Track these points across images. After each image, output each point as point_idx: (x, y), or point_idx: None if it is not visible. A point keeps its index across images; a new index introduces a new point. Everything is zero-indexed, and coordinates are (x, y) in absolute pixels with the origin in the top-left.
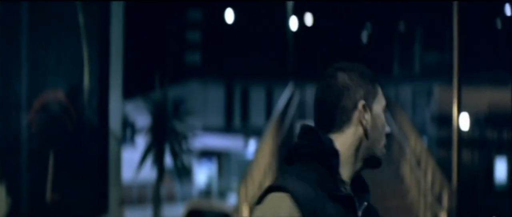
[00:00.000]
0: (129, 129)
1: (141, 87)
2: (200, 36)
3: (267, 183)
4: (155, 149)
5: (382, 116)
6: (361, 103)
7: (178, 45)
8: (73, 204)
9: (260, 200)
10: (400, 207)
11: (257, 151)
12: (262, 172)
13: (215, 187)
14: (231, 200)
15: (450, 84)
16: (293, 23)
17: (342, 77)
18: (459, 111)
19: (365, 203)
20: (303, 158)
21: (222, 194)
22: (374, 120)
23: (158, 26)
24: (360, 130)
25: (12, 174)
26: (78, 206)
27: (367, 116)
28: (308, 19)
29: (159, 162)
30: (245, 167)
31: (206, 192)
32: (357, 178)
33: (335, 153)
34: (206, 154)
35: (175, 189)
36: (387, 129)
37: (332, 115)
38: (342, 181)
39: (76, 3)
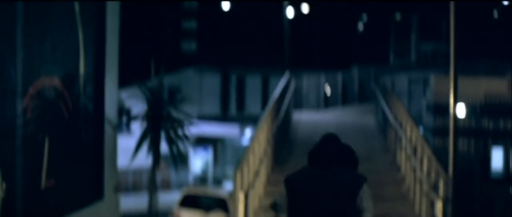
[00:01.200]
0: (124, 116)
1: (137, 74)
2: (196, 24)
3: (262, 170)
4: (150, 136)
5: None
6: None
7: (174, 33)
8: (68, 190)
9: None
10: (396, 195)
11: (253, 138)
12: (257, 160)
13: (210, 174)
14: (227, 187)
15: (446, 74)
16: (290, 12)
17: None
18: (455, 100)
19: None
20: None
21: (218, 181)
22: None
23: (154, 14)
24: None
25: (7, 160)
26: (73, 192)
27: None
28: (305, 8)
29: (154, 149)
30: (240, 154)
31: (202, 179)
32: None
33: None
34: (202, 141)
35: (170, 176)
36: None
37: None
38: None
39: None
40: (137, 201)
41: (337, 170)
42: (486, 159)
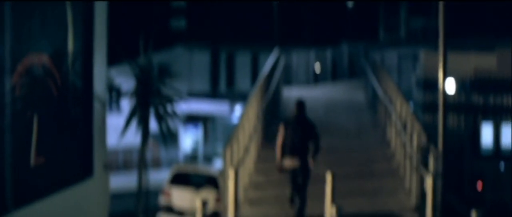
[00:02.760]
0: (114, 93)
1: (127, 51)
2: (185, 1)
3: (252, 147)
4: (140, 113)
5: None
6: None
7: (163, 10)
8: (58, 168)
9: None
10: (386, 171)
11: (242, 115)
12: (247, 137)
13: (200, 151)
14: (217, 164)
15: (436, 49)
16: None
17: None
18: (444, 76)
19: None
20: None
21: (208, 159)
22: None
23: None
24: None
25: None
26: (62, 169)
27: None
28: None
29: (144, 126)
30: (230, 132)
31: (192, 157)
32: None
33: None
34: (192, 119)
35: (160, 154)
36: None
37: None
38: None
39: None
40: (127, 180)
41: (306, 117)
42: (476, 135)
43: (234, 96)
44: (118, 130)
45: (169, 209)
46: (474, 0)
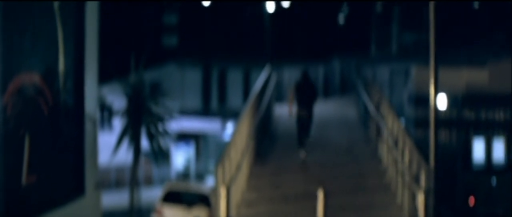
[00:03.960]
0: (106, 112)
1: (118, 70)
2: (177, 19)
3: (244, 164)
4: (131, 132)
5: None
6: None
7: (155, 28)
8: (49, 187)
9: None
10: (378, 186)
11: (234, 132)
12: (239, 154)
13: (192, 169)
14: (209, 182)
15: (427, 64)
16: (270, 6)
17: None
18: (436, 91)
19: None
20: None
21: (200, 176)
22: None
23: (135, 9)
24: None
25: None
26: (54, 188)
27: None
28: (285, 1)
29: (135, 144)
30: (222, 149)
31: (184, 175)
32: None
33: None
34: (184, 137)
35: (152, 172)
36: None
37: None
38: None
39: None
40: (119, 198)
41: (310, 81)
42: (468, 150)
43: (226, 113)
44: (110, 148)
45: None
46: (465, 15)
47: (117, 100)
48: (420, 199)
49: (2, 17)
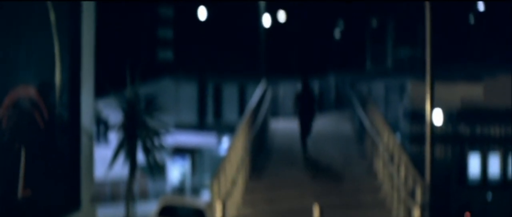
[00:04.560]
0: (101, 126)
1: (114, 84)
2: (172, 33)
3: (240, 179)
4: (127, 146)
5: None
6: None
7: (150, 42)
8: (45, 200)
9: None
10: (373, 202)
11: (230, 147)
12: (235, 169)
13: (188, 183)
14: (204, 196)
15: (423, 80)
16: (266, 20)
17: None
18: (432, 107)
19: None
20: None
21: (195, 191)
22: None
23: (130, 23)
24: None
25: None
26: (50, 202)
27: None
28: (281, 16)
29: (131, 159)
30: (218, 164)
31: (179, 189)
32: None
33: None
34: (179, 151)
35: (148, 186)
36: None
37: None
38: None
39: (47, 2)
40: (115, 212)
41: (309, 89)
42: (463, 165)
43: (222, 127)
44: (105, 162)
45: None
46: (460, 30)
47: (113, 114)
48: (416, 214)
49: None
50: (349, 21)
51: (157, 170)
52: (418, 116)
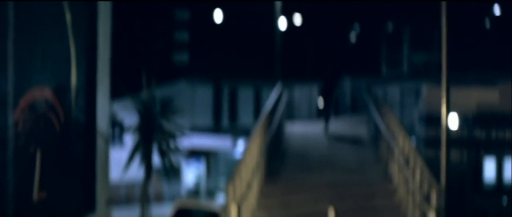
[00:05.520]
0: (117, 128)
1: (129, 86)
2: (188, 36)
3: (255, 182)
4: (143, 149)
5: None
6: None
7: (166, 45)
8: (60, 203)
9: None
10: (388, 206)
11: (245, 150)
12: (250, 172)
13: (203, 186)
14: (219, 199)
15: (438, 84)
16: (282, 23)
17: None
18: (447, 111)
19: None
20: None
21: (210, 194)
22: None
23: (146, 25)
24: None
25: None
26: (65, 205)
27: None
28: (297, 19)
29: (147, 161)
30: (233, 167)
31: (194, 192)
32: None
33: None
34: (194, 154)
35: (163, 189)
36: None
37: None
38: None
39: (63, 2)
40: (130, 214)
41: (330, 82)
42: (479, 170)
43: (237, 130)
44: (121, 164)
45: None
46: (476, 34)
47: (128, 116)
48: None
49: (14, 33)
50: (365, 25)
51: (172, 172)
52: (433, 120)
